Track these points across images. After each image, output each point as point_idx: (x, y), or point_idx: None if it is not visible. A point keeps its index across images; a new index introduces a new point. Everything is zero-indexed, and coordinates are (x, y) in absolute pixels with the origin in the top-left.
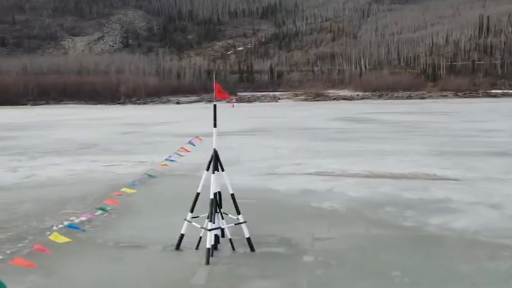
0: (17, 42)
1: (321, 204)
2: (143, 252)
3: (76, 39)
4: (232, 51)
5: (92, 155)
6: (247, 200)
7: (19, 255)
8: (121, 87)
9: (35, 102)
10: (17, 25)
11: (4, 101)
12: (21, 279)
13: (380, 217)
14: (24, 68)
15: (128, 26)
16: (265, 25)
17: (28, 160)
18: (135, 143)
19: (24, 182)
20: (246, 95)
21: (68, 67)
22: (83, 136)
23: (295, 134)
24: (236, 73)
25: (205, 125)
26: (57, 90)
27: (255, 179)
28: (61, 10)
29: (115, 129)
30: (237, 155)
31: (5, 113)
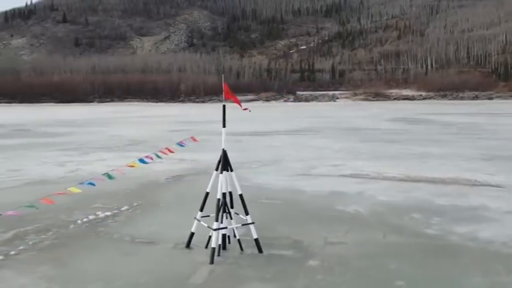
0: (89, 43)
1: (346, 207)
2: (154, 249)
3: (144, 39)
4: (294, 50)
5: (138, 152)
6: (272, 200)
7: (39, 247)
8: (181, 86)
9: (101, 100)
10: (89, 26)
11: (73, 99)
12: (33, 269)
13: (403, 223)
14: (93, 67)
15: (193, 25)
16: (328, 23)
17: (78, 155)
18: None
19: (68, 176)
20: (304, 94)
21: (133, 66)
22: (135, 133)
23: (344, 134)
24: (297, 72)
25: (255, 124)
26: (122, 89)
27: (288, 179)
28: (130, 11)
29: (167, 126)
30: (277, 154)
31: (71, 110)
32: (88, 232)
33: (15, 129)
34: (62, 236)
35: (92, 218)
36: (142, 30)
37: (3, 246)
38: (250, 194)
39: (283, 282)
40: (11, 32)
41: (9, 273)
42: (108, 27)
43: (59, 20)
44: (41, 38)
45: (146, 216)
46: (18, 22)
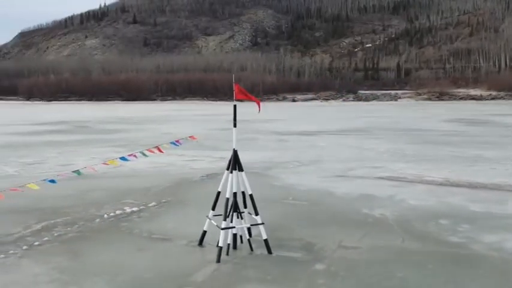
0: (157, 42)
1: (371, 211)
2: (167, 245)
3: (209, 38)
4: (359, 48)
5: (182, 149)
6: (298, 201)
7: (62, 239)
8: (240, 85)
9: (163, 98)
10: (158, 26)
11: (137, 97)
12: (48, 259)
13: (427, 229)
14: (158, 67)
15: (258, 25)
16: (395, 20)
17: (126, 152)
18: (228, 140)
19: (109, 172)
20: (366, 93)
21: (195, 65)
22: (186, 130)
23: (394, 135)
24: (361, 71)
25: (307, 124)
26: (183, 87)
27: (321, 180)
28: (197, 11)
29: (218, 125)
30: (319, 155)
31: (132, 108)
32: (111, 226)
33: (76, 125)
34: (86, 229)
35: (119, 213)
36: (208, 30)
37: (30, 237)
38: (277, 194)
39: (283, 284)
40: (86, 33)
41: (26, 262)
42: (175, 28)
43: (130, 21)
44: (112, 38)
45: (170, 213)
46: (92, 24)
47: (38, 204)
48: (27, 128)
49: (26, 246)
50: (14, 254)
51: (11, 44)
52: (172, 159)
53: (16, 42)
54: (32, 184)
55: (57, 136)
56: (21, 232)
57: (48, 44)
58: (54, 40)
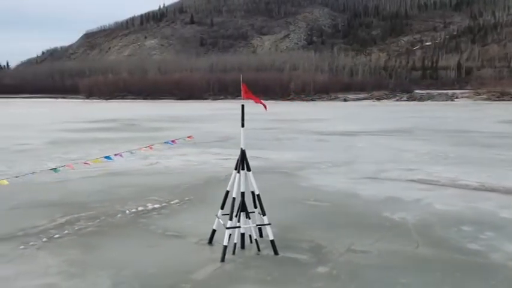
0: (213, 42)
1: (393, 214)
2: (178, 242)
3: (264, 38)
4: (418, 46)
5: (220, 148)
6: (320, 202)
7: (81, 232)
8: (291, 84)
9: (215, 97)
10: (214, 26)
11: (189, 96)
12: (62, 252)
13: (446, 236)
14: (211, 66)
15: (313, 23)
16: (458, 17)
17: (164, 149)
18: (267, 139)
19: (144, 169)
20: (421, 93)
21: (248, 65)
22: (228, 129)
23: (440, 136)
24: (418, 70)
25: (351, 124)
26: (235, 86)
27: (349, 181)
28: (253, 11)
29: (260, 124)
30: (355, 155)
31: (183, 107)
32: (129, 222)
33: (125, 123)
34: (106, 224)
35: (140, 209)
36: (263, 30)
37: (53, 230)
38: (300, 194)
39: (280, 286)
40: (145, 34)
41: (42, 254)
42: (231, 27)
43: (187, 22)
44: (170, 38)
45: (189, 211)
46: (151, 24)
47: (68, 198)
48: (79, 125)
49: (46, 238)
50: (33, 246)
51: (77, 44)
52: (207, 157)
53: (81, 43)
54: (3, 180)
55: (105, 133)
56: (46, 225)
57: (110, 45)
58: (116, 41)
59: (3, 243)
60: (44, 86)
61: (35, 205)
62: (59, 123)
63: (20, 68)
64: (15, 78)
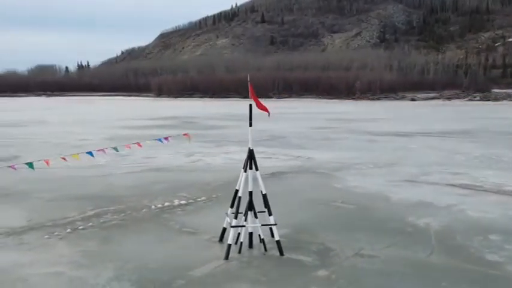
0: (283, 41)
1: (418, 219)
2: (189, 239)
3: (335, 36)
4: (500, 42)
5: (266, 147)
6: (346, 204)
7: (104, 225)
8: (357, 83)
9: (280, 96)
10: (285, 25)
11: None
12: (80, 243)
13: (468, 244)
14: (278, 65)
15: (386, 20)
16: None
17: (212, 147)
18: (317, 139)
19: (185, 166)
20: (499, 92)
21: (315, 63)
22: (280, 128)
23: (500, 139)
24: (499, 68)
25: (409, 124)
26: (299, 85)
27: (385, 184)
28: (324, 9)
29: (317, 123)
30: (402, 157)
31: (246, 105)
32: (152, 217)
33: (184, 121)
34: (130, 218)
35: (167, 205)
36: (334, 28)
37: (79, 221)
38: (329, 196)
39: (271, 286)
40: (217, 34)
41: (62, 244)
42: (301, 26)
43: (258, 21)
44: (241, 38)
45: (212, 208)
46: (223, 24)
47: (104, 192)
48: (139, 122)
49: (70, 229)
50: (57, 236)
51: (152, 44)
52: (229, 156)
53: (156, 43)
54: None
55: (161, 130)
56: (75, 217)
57: (183, 45)
58: (189, 40)
59: (32, 232)
60: (120, 84)
61: (72, 197)
62: (121, 120)
63: (100, 68)
64: (93, 77)
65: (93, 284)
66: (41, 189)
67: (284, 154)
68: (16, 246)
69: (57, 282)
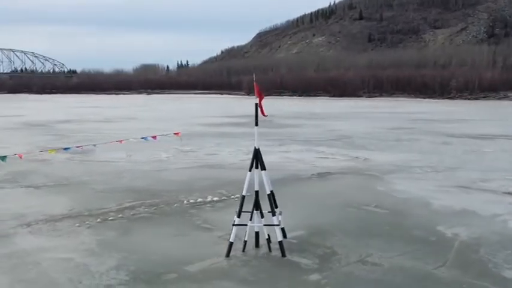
0: (381, 38)
1: (448, 229)
2: (202, 235)
3: (437, 31)
4: None
5: (328, 147)
6: (380, 209)
7: (132, 217)
8: (452, 81)
9: (370, 95)
10: (383, 21)
11: (343, 93)
12: (102, 233)
13: (488, 259)
14: (370, 62)
15: (496, 14)
16: None
17: (274, 145)
18: (387, 139)
19: (238, 163)
20: None
21: (409, 61)
22: (352, 128)
23: None
24: None
25: (496, 127)
26: (391, 83)
27: (435, 189)
28: (426, 4)
29: (395, 123)
30: (467, 161)
31: (331, 104)
32: (179, 212)
33: (262, 119)
34: (159, 212)
35: (199, 201)
36: (437, 23)
37: (112, 212)
38: (365, 199)
39: (256, 287)
40: (314, 32)
41: (87, 232)
42: (401, 22)
43: (356, 18)
44: (337, 35)
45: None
46: (320, 22)
47: (150, 186)
48: (217, 119)
49: (100, 219)
50: (86, 225)
51: (250, 44)
52: (307, 155)
53: (254, 42)
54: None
55: (233, 128)
56: (111, 208)
57: (280, 43)
58: (285, 39)
59: (67, 220)
60: (214, 82)
61: (119, 190)
62: (201, 117)
63: (198, 67)
64: (190, 75)
65: (94, 271)
66: (98, 180)
67: (343, 155)
68: (47, 232)
69: (63, 267)
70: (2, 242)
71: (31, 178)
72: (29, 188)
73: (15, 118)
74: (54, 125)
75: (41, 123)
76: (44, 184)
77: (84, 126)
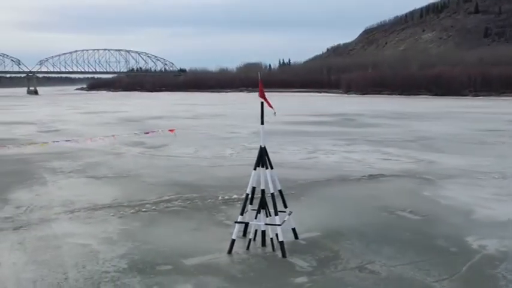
0: (500, 32)
1: (475, 241)
2: (219, 231)
3: None
4: None
5: (400, 148)
6: (413, 215)
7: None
8: None
9: (475, 94)
10: (502, 15)
11: (445, 92)
12: (129, 223)
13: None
14: (481, 59)
15: None
16: None
17: (341, 145)
18: (469, 142)
19: (296, 162)
20: None
21: None
22: (437, 129)
23: None
24: None
25: None
26: (501, 82)
27: (489, 198)
28: None
29: (488, 125)
30: None
31: (426, 104)
32: (209, 207)
33: (345, 118)
34: (192, 206)
35: (234, 198)
36: None
37: (149, 204)
38: (404, 204)
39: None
40: (423, 27)
41: (116, 222)
42: None
43: (471, 11)
44: (449, 30)
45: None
46: (431, 17)
47: (198, 181)
48: (300, 118)
49: (134, 210)
50: (119, 215)
51: (356, 41)
52: (370, 156)
53: (360, 39)
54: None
55: (314, 127)
56: (150, 200)
57: (386, 40)
58: (393, 35)
59: (105, 210)
60: (314, 80)
61: (168, 183)
62: (286, 116)
63: (300, 65)
64: (290, 74)
65: (100, 258)
66: (153, 174)
67: (409, 157)
68: (83, 219)
69: (77, 252)
70: (41, 225)
71: (98, 169)
72: (91, 178)
73: (118, 114)
74: (146, 121)
75: (136, 119)
76: (105, 175)
77: (171, 123)
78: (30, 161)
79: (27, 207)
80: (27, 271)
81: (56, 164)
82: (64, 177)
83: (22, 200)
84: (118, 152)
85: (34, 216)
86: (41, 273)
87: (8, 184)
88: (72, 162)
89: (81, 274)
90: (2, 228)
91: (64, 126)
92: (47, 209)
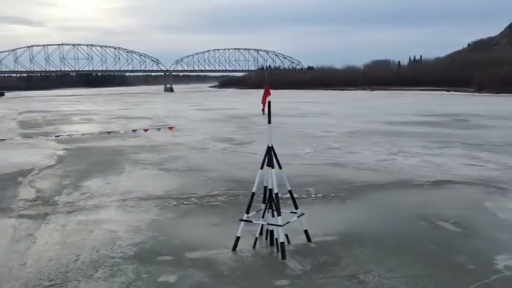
0: None
1: (506, 260)
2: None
3: None
4: None
5: (496, 153)
6: (454, 227)
7: (200, 204)
8: None
9: None
10: None
11: None
12: (163, 214)
13: None
14: None
15: None
16: None
17: (430, 148)
18: None
19: (368, 163)
20: None
21: None
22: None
23: None
24: None
25: None
26: None
27: None
28: None
29: None
30: None
31: None
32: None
33: (457, 118)
34: (231, 202)
35: None
36: None
37: (195, 198)
38: (454, 214)
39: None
40: None
41: (153, 213)
42: None
43: None
44: None
45: (312, 205)
46: None
47: (253, 178)
48: (411, 118)
49: (177, 203)
50: (162, 206)
51: (500, 35)
52: (455, 160)
53: (505, 33)
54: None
55: (412, 127)
56: (198, 194)
57: None
58: None
59: (154, 201)
60: (443, 78)
61: (225, 179)
62: (393, 115)
63: (432, 61)
64: (419, 71)
65: (116, 244)
66: (219, 169)
67: (498, 163)
68: (128, 208)
69: (102, 237)
70: (91, 211)
71: (175, 162)
72: (162, 170)
73: (228, 111)
74: (248, 118)
75: (240, 116)
76: (176, 169)
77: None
78: (122, 153)
79: (90, 194)
80: (51, 250)
81: (142, 156)
82: (140, 169)
83: (91, 187)
84: (203, 147)
85: (90, 203)
86: (60, 253)
87: (90, 172)
88: (156, 155)
89: (91, 257)
90: (59, 211)
91: (174, 121)
92: (106, 197)
